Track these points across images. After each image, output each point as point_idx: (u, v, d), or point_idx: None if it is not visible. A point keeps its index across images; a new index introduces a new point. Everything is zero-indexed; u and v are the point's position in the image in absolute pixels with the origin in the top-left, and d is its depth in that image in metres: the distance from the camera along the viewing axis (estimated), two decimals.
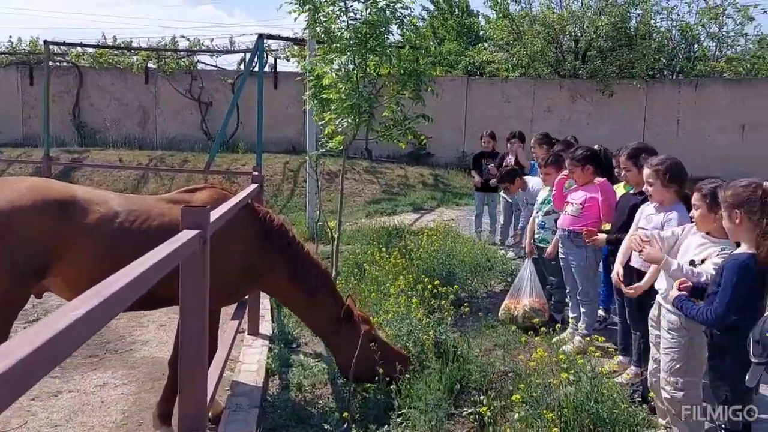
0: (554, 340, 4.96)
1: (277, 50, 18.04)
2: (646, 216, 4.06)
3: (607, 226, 4.86)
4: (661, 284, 3.59)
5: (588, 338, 4.72)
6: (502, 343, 5.09)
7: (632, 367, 4.43)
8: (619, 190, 5.11)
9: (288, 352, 5.47)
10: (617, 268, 4.11)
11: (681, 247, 3.64)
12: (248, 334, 5.76)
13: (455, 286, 5.17)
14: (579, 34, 16.74)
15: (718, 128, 15.77)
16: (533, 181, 6.87)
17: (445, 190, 14.69)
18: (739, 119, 15.73)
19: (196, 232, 2.51)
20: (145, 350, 5.45)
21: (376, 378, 4.18)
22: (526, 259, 5.89)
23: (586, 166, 5.09)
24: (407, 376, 4.37)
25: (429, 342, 4.36)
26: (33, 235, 3.27)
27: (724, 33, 17.00)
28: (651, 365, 3.75)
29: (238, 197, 3.76)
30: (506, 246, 8.63)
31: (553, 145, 7.20)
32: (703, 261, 3.37)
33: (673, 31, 17.32)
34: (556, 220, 5.51)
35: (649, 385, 3.81)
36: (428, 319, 4.79)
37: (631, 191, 4.61)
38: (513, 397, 3.85)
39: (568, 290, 5.33)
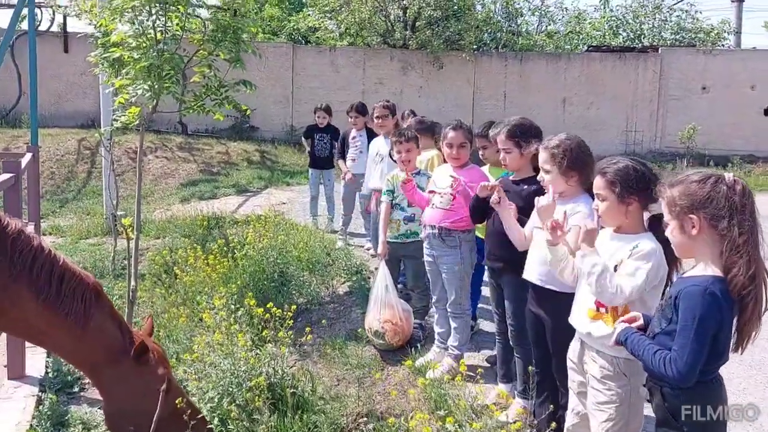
0: (418, 363, 4.01)
1: (67, 6, 15.23)
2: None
3: None
4: (582, 320, 2.68)
5: (461, 359, 3.78)
6: (356, 377, 3.97)
7: (517, 399, 3.53)
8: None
9: (65, 403, 4.04)
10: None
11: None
12: (9, 378, 4.23)
13: (293, 306, 3.95)
14: (407, 3, 16.12)
15: (542, 102, 16.02)
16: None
17: (274, 168, 13.26)
18: (560, 94, 16.13)
19: None
20: None
21: None
22: (380, 261, 4.59)
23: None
24: None
25: (263, 396, 3.15)
26: None
27: (545, 7, 17.32)
28: (571, 419, 2.84)
29: None
30: (346, 234, 7.54)
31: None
32: (615, 268, 2.56)
33: (498, 4, 17.31)
34: None
35: None
36: (259, 354, 3.58)
37: (511, 177, 3.67)
38: None
39: (434, 300, 4.29)
